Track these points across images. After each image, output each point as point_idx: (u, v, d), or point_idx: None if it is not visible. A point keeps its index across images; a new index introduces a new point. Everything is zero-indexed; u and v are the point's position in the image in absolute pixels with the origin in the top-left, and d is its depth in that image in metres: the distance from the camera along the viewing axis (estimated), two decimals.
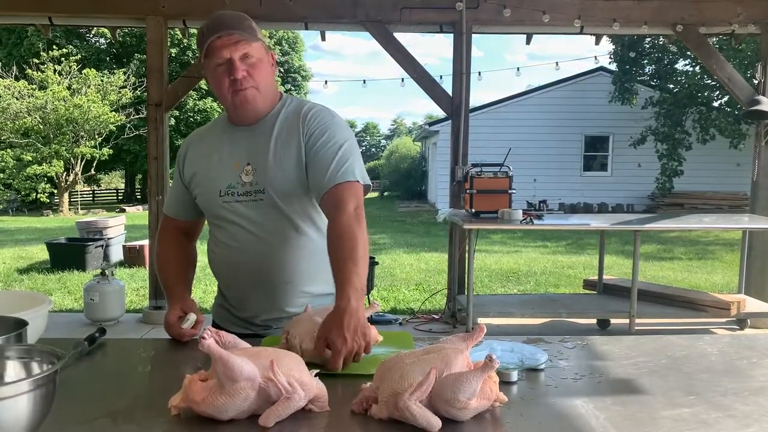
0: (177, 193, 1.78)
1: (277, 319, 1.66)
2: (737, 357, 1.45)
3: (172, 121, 23.80)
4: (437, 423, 1.02)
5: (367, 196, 1.68)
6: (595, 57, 7.53)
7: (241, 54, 1.54)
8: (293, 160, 1.59)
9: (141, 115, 19.58)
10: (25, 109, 19.44)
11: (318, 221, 1.66)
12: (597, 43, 6.35)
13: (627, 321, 4.87)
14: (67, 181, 21.23)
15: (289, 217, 1.61)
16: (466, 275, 5.15)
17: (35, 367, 1.04)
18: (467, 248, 5.27)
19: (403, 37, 5.52)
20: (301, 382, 1.07)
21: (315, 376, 1.12)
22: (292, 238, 1.62)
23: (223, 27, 1.54)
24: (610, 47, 16.25)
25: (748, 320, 5.27)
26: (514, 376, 1.27)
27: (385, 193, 28.33)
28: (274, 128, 1.63)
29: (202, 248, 1.83)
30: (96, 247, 8.66)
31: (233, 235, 1.64)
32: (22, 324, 1.25)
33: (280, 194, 1.59)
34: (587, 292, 6.04)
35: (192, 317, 1.57)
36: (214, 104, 25.86)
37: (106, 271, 5.57)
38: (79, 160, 21.02)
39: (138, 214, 18.97)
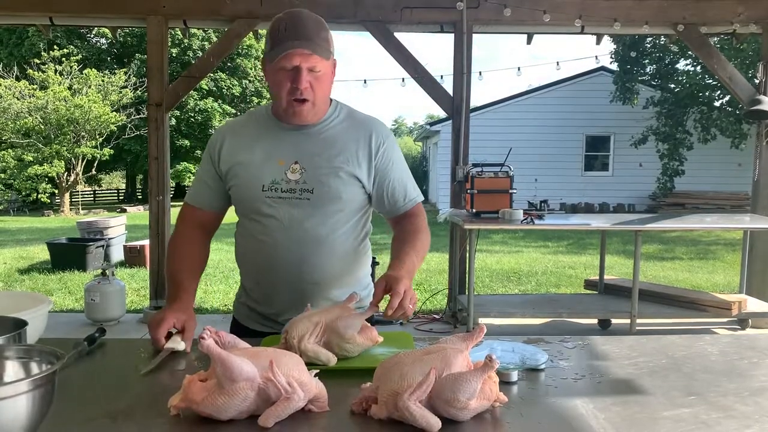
0: (205, 183, 1.73)
1: None
2: (737, 357, 1.45)
3: (173, 121, 23.82)
4: (437, 423, 1.02)
5: None
6: (596, 57, 7.51)
7: (309, 66, 1.54)
8: (347, 167, 1.62)
9: (142, 115, 19.59)
10: (26, 110, 19.48)
11: (352, 227, 1.69)
12: (598, 42, 6.34)
13: (628, 321, 4.87)
14: (68, 181, 21.26)
15: (330, 219, 1.63)
16: (466, 275, 5.15)
17: (34, 367, 1.04)
18: (468, 248, 5.27)
19: (403, 37, 5.51)
20: (300, 383, 1.07)
21: (314, 376, 1.12)
22: (327, 239, 1.63)
23: (303, 35, 1.53)
24: (611, 47, 16.26)
25: (749, 320, 5.26)
26: (514, 376, 1.27)
27: None
28: (326, 133, 1.65)
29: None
30: (97, 247, 8.66)
31: (269, 231, 1.63)
32: (21, 324, 1.25)
33: (329, 196, 1.61)
34: (588, 292, 6.04)
35: (178, 342, 1.46)
36: (215, 104, 25.89)
37: (107, 272, 5.57)
38: (80, 160, 21.05)
39: (139, 214, 18.99)
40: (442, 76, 5.92)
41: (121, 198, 32.43)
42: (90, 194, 31.22)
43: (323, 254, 1.64)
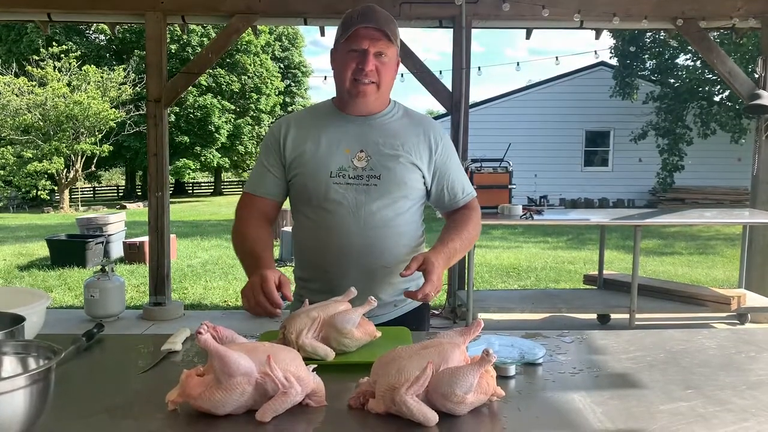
0: (267, 171, 1.74)
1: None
2: (735, 351, 1.45)
3: (172, 118, 23.80)
4: (434, 417, 1.02)
5: None
6: (596, 52, 7.53)
7: (377, 50, 1.63)
8: (410, 156, 1.69)
9: (141, 112, 19.59)
10: (25, 106, 19.45)
11: (414, 214, 1.75)
12: (597, 37, 6.32)
13: (627, 316, 4.88)
14: (67, 177, 21.24)
15: (396, 203, 1.68)
16: (466, 271, 5.15)
17: (32, 363, 1.04)
18: None
19: (402, 32, 5.48)
20: (297, 377, 1.07)
21: (312, 371, 1.12)
22: (393, 222, 1.69)
23: (373, 20, 1.62)
24: (611, 42, 16.24)
25: (749, 315, 5.27)
26: (512, 370, 1.27)
27: None
28: (388, 125, 1.72)
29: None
30: (96, 243, 8.66)
31: (337, 217, 1.66)
32: (19, 320, 1.25)
33: (395, 181, 1.67)
34: (587, 287, 6.04)
35: (175, 343, 1.45)
36: (214, 100, 25.85)
37: (107, 268, 5.57)
38: (79, 157, 21.02)
39: (138, 210, 18.99)
40: (441, 72, 5.91)
41: (120, 194, 32.45)
42: (89, 191, 31.24)
43: (391, 237, 1.68)
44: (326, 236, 1.68)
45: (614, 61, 17.01)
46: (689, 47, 14.02)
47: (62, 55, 20.61)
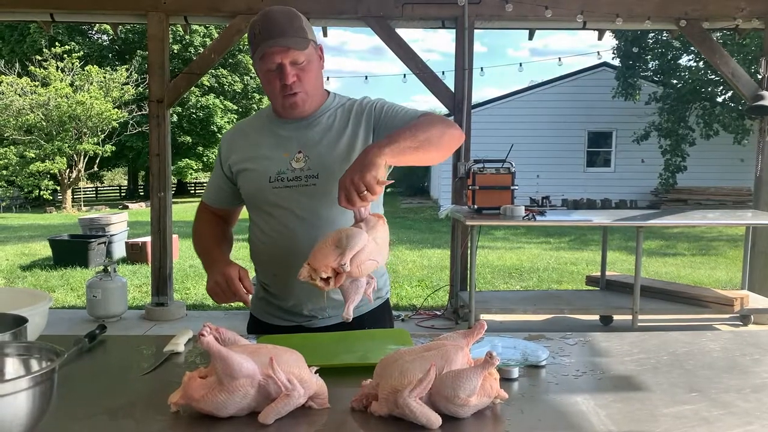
0: (217, 184, 1.82)
1: (322, 309, 1.66)
2: (740, 353, 1.44)
3: (174, 118, 23.81)
4: (437, 420, 1.01)
5: None
6: (598, 52, 7.51)
7: (291, 60, 1.58)
8: (349, 146, 1.64)
9: (143, 112, 19.59)
10: (28, 106, 19.50)
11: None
12: (600, 38, 6.31)
13: (630, 317, 4.87)
14: (69, 177, 21.28)
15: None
16: (468, 271, 5.14)
17: (34, 364, 1.04)
18: (469, 244, 5.27)
19: (404, 32, 5.51)
20: (300, 379, 1.06)
21: (315, 373, 1.12)
22: (338, 221, 1.61)
23: (276, 34, 1.55)
24: (613, 42, 16.21)
25: (752, 316, 5.26)
26: (515, 372, 1.27)
27: (388, 190, 28.33)
28: (326, 121, 1.68)
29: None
30: (99, 243, 8.68)
31: (282, 221, 1.65)
32: (21, 321, 1.25)
33: (334, 178, 1.58)
34: (590, 288, 6.03)
35: (177, 345, 1.46)
36: (216, 101, 25.89)
37: (109, 268, 5.57)
38: (81, 157, 21.07)
39: (140, 210, 19.01)
40: (443, 72, 5.91)
41: (122, 194, 32.50)
42: (92, 191, 31.29)
43: None
44: (273, 241, 1.67)
45: (617, 62, 16.98)
46: (692, 48, 14.00)
47: (65, 56, 20.66)
